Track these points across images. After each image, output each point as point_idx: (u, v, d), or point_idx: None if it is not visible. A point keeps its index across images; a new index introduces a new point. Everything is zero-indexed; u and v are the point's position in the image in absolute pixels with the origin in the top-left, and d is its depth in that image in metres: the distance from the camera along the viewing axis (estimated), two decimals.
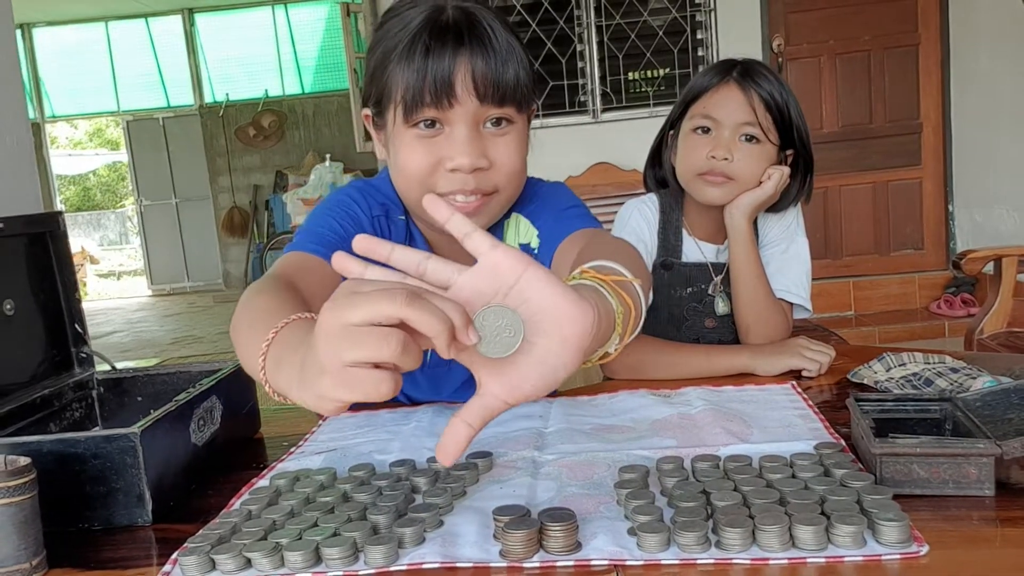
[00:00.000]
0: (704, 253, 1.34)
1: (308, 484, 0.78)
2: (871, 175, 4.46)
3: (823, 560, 0.59)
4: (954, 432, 0.78)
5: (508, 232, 1.08)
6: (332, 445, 0.94)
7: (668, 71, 4.49)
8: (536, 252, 1.05)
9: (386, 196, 1.05)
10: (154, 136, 9.27)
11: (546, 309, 0.54)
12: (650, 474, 0.75)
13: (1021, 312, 2.28)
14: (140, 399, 1.04)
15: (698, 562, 0.60)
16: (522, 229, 1.08)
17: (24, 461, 0.67)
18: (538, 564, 0.62)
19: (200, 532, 0.69)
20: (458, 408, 1.09)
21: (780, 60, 4.34)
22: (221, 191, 9.11)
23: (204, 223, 9.18)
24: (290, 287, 0.82)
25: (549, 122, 4.40)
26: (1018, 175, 4.00)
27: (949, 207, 4.46)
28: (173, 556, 0.67)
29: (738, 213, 1.26)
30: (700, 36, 4.44)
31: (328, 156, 7.56)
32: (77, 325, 1.04)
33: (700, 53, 4.45)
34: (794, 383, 1.05)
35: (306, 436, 0.98)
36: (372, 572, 0.63)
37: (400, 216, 1.05)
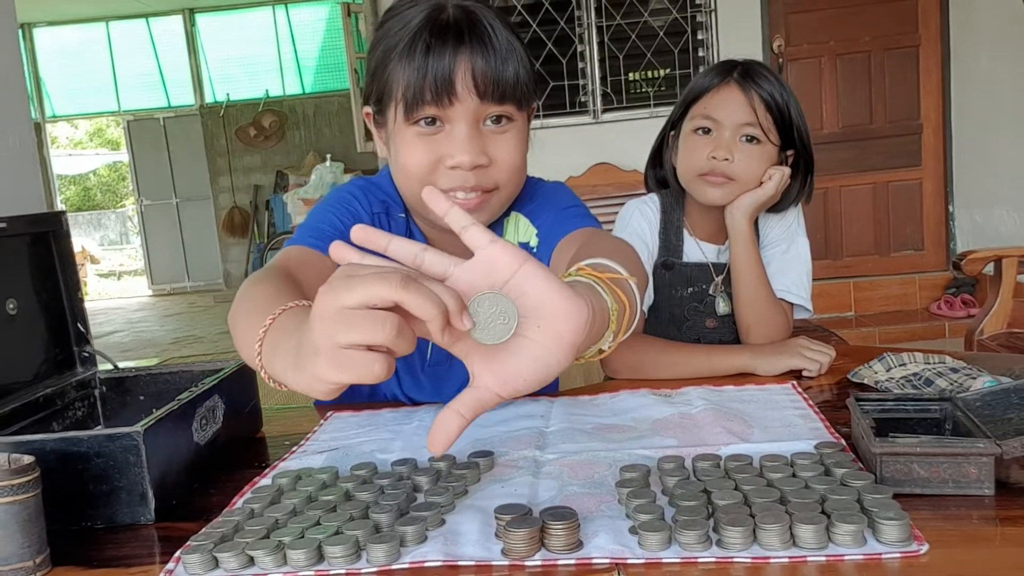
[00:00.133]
0: (705, 253, 1.34)
1: (310, 483, 0.78)
2: (871, 176, 4.47)
3: (823, 559, 0.59)
4: (954, 432, 0.78)
5: (507, 230, 1.08)
6: (334, 444, 0.94)
7: (668, 71, 4.50)
8: (535, 251, 1.05)
9: (386, 194, 1.05)
10: (155, 136, 9.28)
11: (541, 305, 0.54)
12: (651, 473, 0.76)
13: (1021, 313, 2.28)
14: (142, 398, 1.05)
15: (699, 560, 0.60)
16: (521, 228, 1.08)
17: (27, 459, 0.67)
18: (540, 562, 0.62)
19: (203, 530, 0.69)
20: None
21: (780, 61, 4.34)
22: (221, 191, 9.12)
23: (204, 223, 9.19)
24: (289, 278, 0.82)
25: (550, 122, 4.41)
26: (1018, 176, 4.00)
27: (949, 208, 4.46)
28: (176, 554, 0.67)
29: (739, 213, 1.26)
30: (701, 37, 4.45)
31: (329, 156, 7.57)
32: (80, 324, 1.04)
33: (700, 54, 4.46)
34: (794, 383, 1.06)
35: (308, 435, 0.99)
36: (374, 570, 0.63)
37: (400, 214, 1.05)
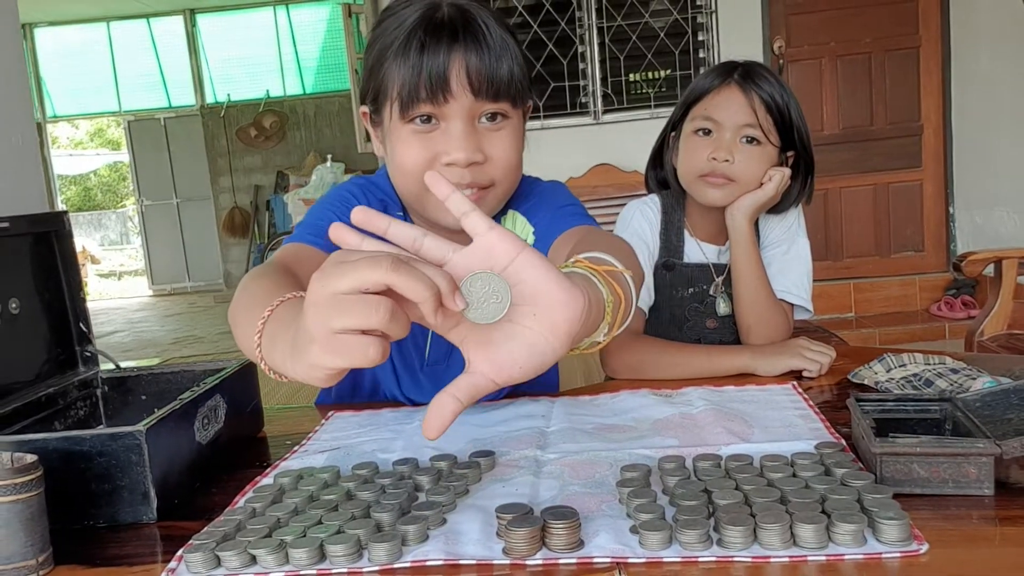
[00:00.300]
0: (706, 254, 1.35)
1: (312, 482, 0.78)
2: (872, 177, 4.47)
3: (824, 558, 0.59)
4: (954, 432, 0.78)
5: (513, 222, 1.09)
6: (335, 444, 0.94)
7: (669, 72, 4.50)
8: None
9: (384, 192, 1.06)
10: (155, 136, 9.28)
11: (537, 293, 0.54)
12: (652, 473, 0.76)
13: (1021, 314, 2.29)
14: (144, 398, 1.05)
15: (700, 560, 0.60)
16: (518, 226, 1.08)
17: (30, 458, 0.67)
18: (541, 562, 0.62)
19: (205, 529, 0.70)
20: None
21: (781, 62, 4.34)
22: (222, 191, 9.11)
23: (205, 223, 9.19)
24: (288, 272, 0.83)
25: (550, 123, 4.40)
26: (1019, 177, 4.00)
27: (950, 209, 4.46)
28: (178, 553, 0.67)
29: (739, 214, 1.26)
30: (701, 38, 4.45)
31: (329, 157, 7.58)
32: (82, 324, 1.04)
33: (701, 55, 4.46)
34: (795, 383, 1.06)
35: (309, 435, 0.99)
36: (375, 569, 0.63)
37: (398, 212, 1.06)
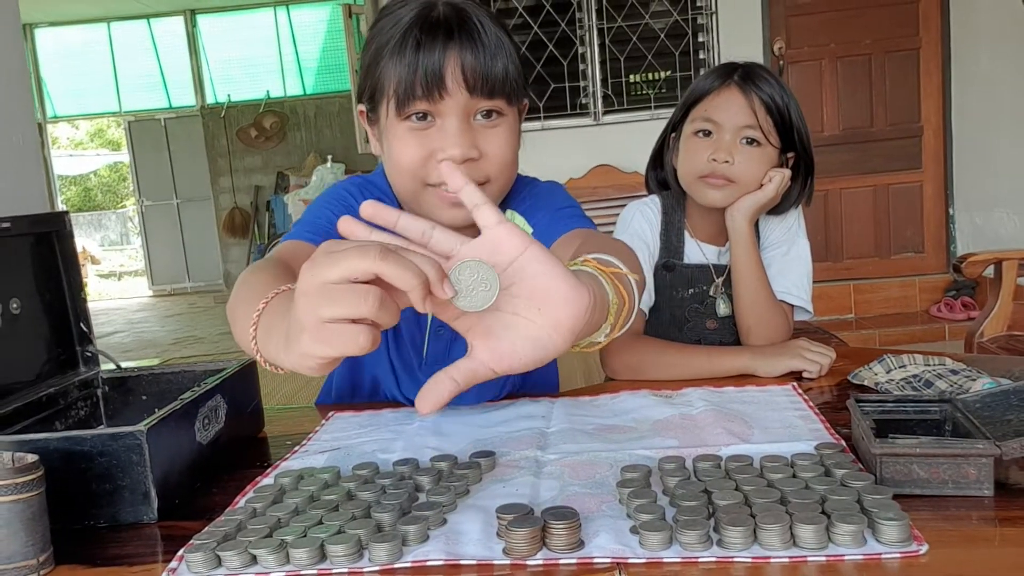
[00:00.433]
0: (706, 255, 1.35)
1: (312, 482, 0.78)
2: (872, 178, 4.47)
3: (824, 559, 0.59)
4: (954, 433, 0.78)
5: (516, 218, 1.09)
6: (336, 444, 0.94)
7: (669, 74, 4.50)
8: None
9: (381, 190, 1.07)
10: (155, 137, 9.28)
11: (543, 289, 0.55)
12: (652, 473, 0.76)
13: (1021, 315, 2.29)
14: (144, 398, 1.05)
15: (700, 560, 0.60)
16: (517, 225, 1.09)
17: (31, 458, 0.67)
18: (541, 562, 0.62)
19: (206, 529, 0.70)
20: (461, 408, 1.10)
21: (781, 63, 4.34)
22: (222, 192, 9.11)
23: (205, 224, 9.18)
24: (285, 267, 0.84)
25: (550, 124, 4.41)
26: (1019, 178, 4.00)
27: (950, 210, 4.46)
28: (179, 553, 0.67)
29: (739, 215, 1.26)
30: (701, 39, 4.45)
31: (330, 157, 7.58)
32: (82, 324, 1.05)
33: (701, 56, 4.46)
34: (795, 384, 1.06)
35: (310, 435, 0.99)
36: (376, 569, 0.63)
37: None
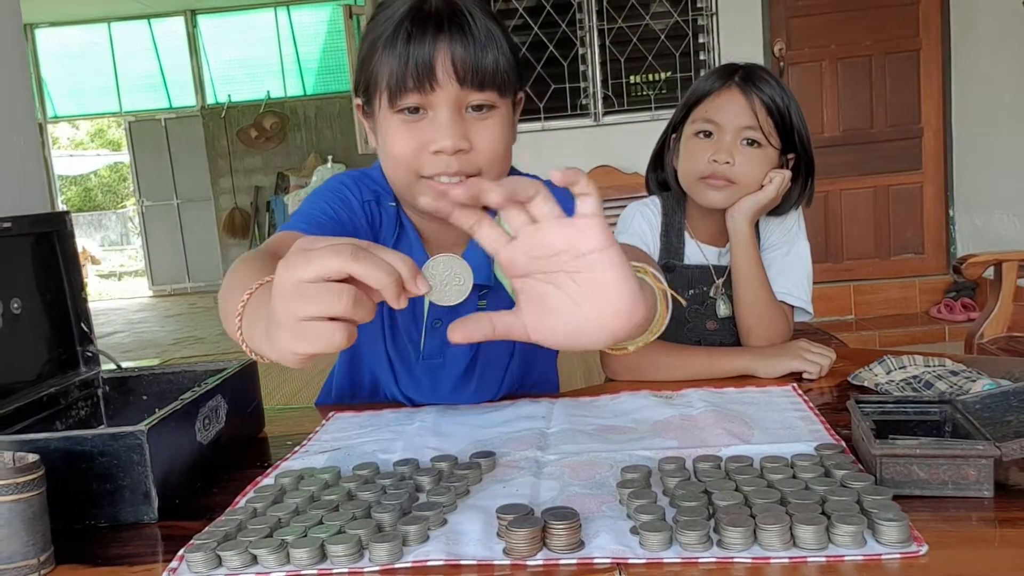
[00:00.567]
0: (706, 256, 1.35)
1: (312, 483, 0.78)
2: (872, 179, 4.47)
3: (823, 559, 0.59)
4: (954, 434, 0.78)
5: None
6: (336, 444, 0.94)
7: (669, 75, 4.50)
8: None
9: (378, 183, 1.08)
10: (156, 137, 9.28)
11: (606, 291, 0.57)
12: (652, 474, 0.76)
13: (1021, 317, 2.29)
14: (145, 398, 1.05)
15: (700, 561, 0.61)
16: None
17: (32, 458, 0.67)
18: (541, 562, 0.62)
19: (206, 529, 0.70)
20: (461, 409, 1.10)
21: (781, 64, 4.34)
22: (222, 192, 9.11)
23: (205, 224, 9.18)
24: (275, 258, 0.84)
25: (551, 125, 4.41)
26: (1019, 180, 4.00)
27: (950, 211, 4.46)
28: (180, 552, 0.67)
29: (740, 216, 1.26)
30: (702, 40, 4.45)
31: (330, 158, 7.58)
32: (83, 324, 1.05)
33: (702, 57, 4.46)
34: (795, 385, 1.06)
35: (310, 435, 0.99)
36: (376, 569, 0.63)
37: (391, 203, 1.07)
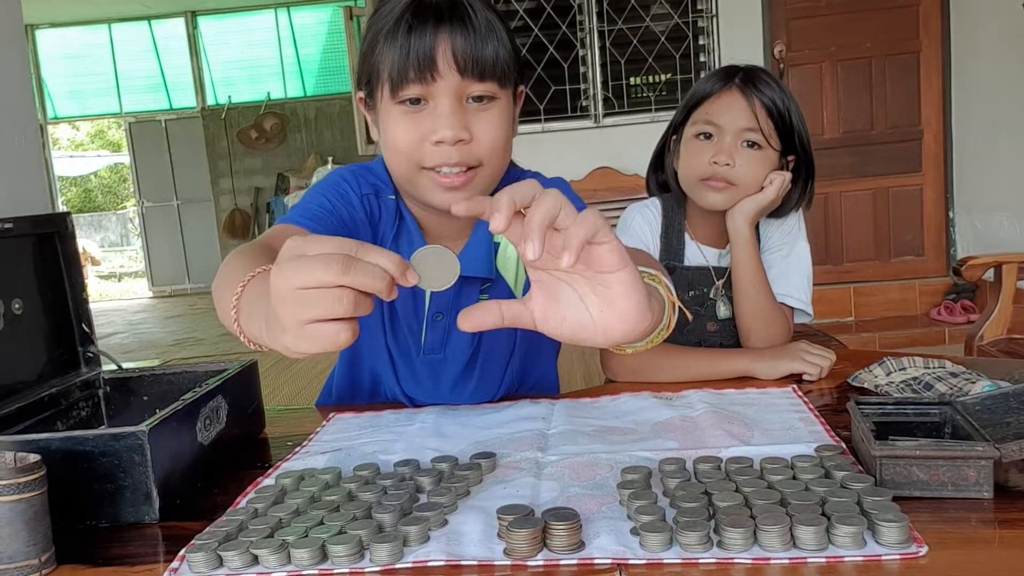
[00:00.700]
0: (706, 257, 1.35)
1: (313, 483, 0.79)
2: (872, 181, 4.47)
3: (823, 560, 0.60)
4: (953, 435, 0.79)
5: (506, 246, 1.09)
6: (336, 445, 0.94)
7: (670, 76, 4.51)
8: None
9: (378, 177, 1.09)
10: (156, 138, 9.28)
11: (615, 302, 0.60)
12: (652, 475, 0.76)
13: (1021, 319, 2.29)
14: (146, 398, 1.05)
15: (700, 561, 0.61)
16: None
17: (34, 458, 0.68)
18: (542, 562, 0.62)
19: (207, 529, 0.70)
20: (461, 409, 1.10)
21: (782, 66, 4.35)
22: (223, 193, 9.12)
23: (205, 225, 9.19)
24: (268, 250, 0.85)
25: (551, 126, 4.41)
26: (1019, 182, 4.00)
27: (950, 214, 4.47)
28: (181, 552, 0.67)
29: (740, 218, 1.27)
30: (702, 42, 4.46)
31: (330, 159, 7.58)
32: (84, 325, 1.05)
33: (702, 59, 4.47)
34: (795, 386, 1.06)
35: (311, 436, 0.99)
36: (377, 570, 0.63)
37: (390, 196, 1.08)
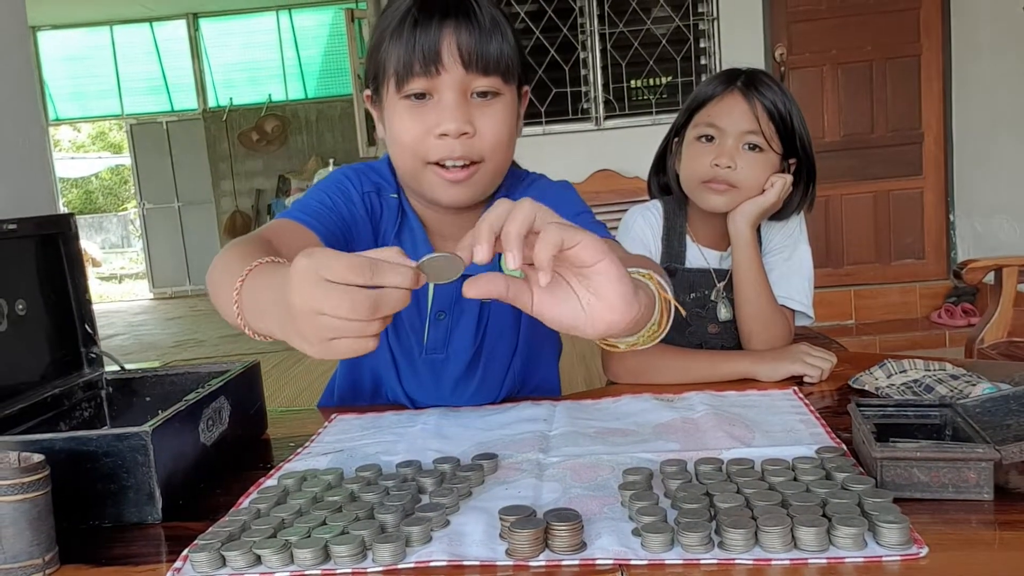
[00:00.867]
0: (707, 259, 1.35)
1: (316, 484, 0.79)
2: (872, 184, 4.48)
3: (824, 561, 0.60)
4: (954, 437, 0.79)
5: (504, 267, 1.10)
6: (338, 446, 0.95)
7: (671, 79, 4.51)
8: None
9: (380, 176, 1.09)
10: (157, 140, 9.29)
11: (601, 294, 0.62)
12: (654, 476, 0.76)
13: (1021, 322, 2.29)
14: (148, 399, 1.05)
15: (701, 562, 0.61)
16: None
17: (38, 458, 0.68)
18: (544, 563, 0.63)
19: (210, 529, 0.70)
20: (463, 411, 1.10)
21: (782, 69, 4.35)
22: (223, 195, 9.12)
23: (206, 227, 9.19)
24: (264, 243, 0.86)
25: (552, 129, 4.42)
26: (1019, 185, 4.01)
27: (950, 217, 4.47)
28: (184, 553, 0.68)
29: (741, 220, 1.27)
30: (703, 45, 4.46)
31: (331, 161, 7.58)
32: (87, 326, 1.05)
33: (703, 62, 4.47)
34: (796, 388, 1.06)
35: (313, 437, 0.99)
36: (380, 570, 0.63)
37: (392, 194, 1.09)
